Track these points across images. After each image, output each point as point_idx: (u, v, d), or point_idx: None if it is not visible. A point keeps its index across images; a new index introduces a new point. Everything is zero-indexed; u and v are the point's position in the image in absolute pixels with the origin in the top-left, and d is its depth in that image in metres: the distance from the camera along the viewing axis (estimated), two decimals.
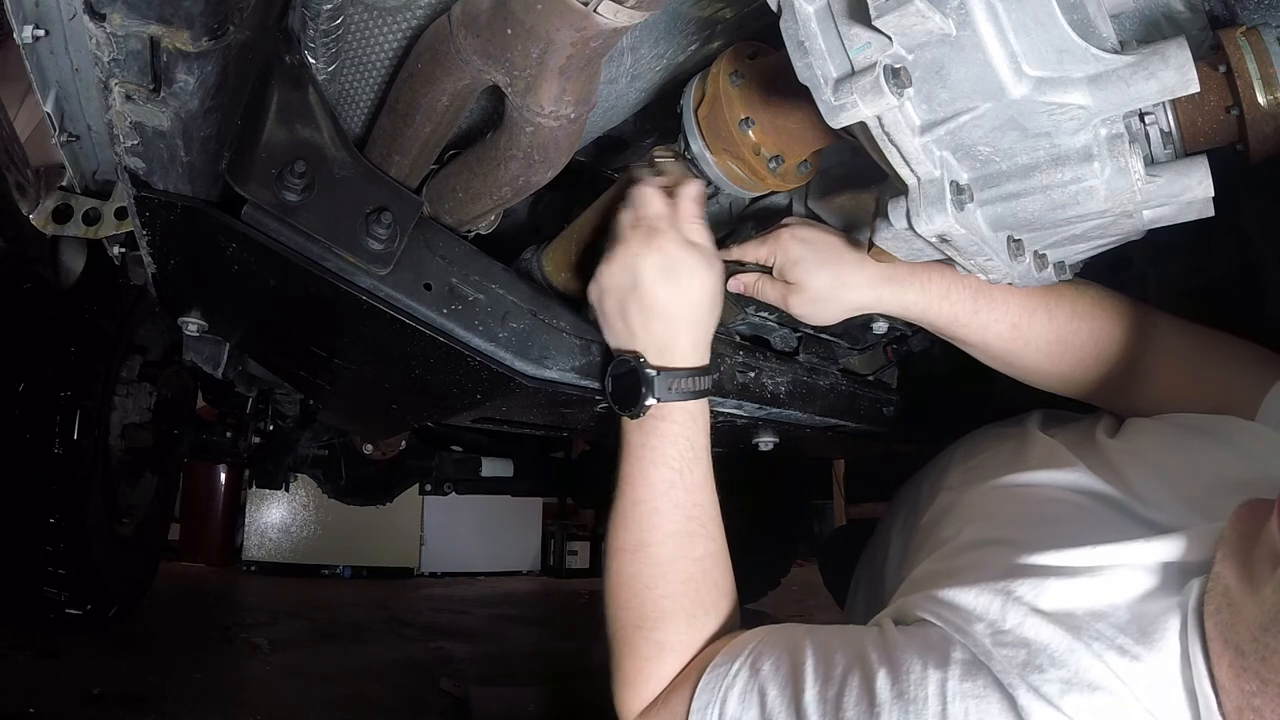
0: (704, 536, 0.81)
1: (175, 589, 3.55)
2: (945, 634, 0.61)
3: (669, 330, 0.82)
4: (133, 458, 2.33)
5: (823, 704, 0.62)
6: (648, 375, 0.81)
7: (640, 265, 0.80)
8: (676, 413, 0.81)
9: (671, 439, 0.81)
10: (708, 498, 0.83)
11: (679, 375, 0.81)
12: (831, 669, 0.64)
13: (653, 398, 0.80)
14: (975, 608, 0.61)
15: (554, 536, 5.39)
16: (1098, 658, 0.54)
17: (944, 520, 0.86)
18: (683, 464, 0.81)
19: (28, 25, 0.74)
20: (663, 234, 0.81)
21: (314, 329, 1.04)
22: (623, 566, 0.81)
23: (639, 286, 0.81)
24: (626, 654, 0.79)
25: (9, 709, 1.74)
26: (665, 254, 0.80)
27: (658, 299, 0.81)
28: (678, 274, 0.81)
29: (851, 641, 0.66)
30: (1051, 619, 0.57)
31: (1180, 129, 0.64)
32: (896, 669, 0.60)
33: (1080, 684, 0.53)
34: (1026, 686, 0.54)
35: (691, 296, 0.82)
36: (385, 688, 2.32)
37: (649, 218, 0.82)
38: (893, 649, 0.62)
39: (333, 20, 0.71)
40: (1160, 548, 0.61)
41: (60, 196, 1.06)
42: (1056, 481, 0.78)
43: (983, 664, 0.57)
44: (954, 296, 0.87)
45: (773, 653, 0.69)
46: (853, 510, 3.24)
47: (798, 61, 0.55)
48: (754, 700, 0.67)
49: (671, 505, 0.80)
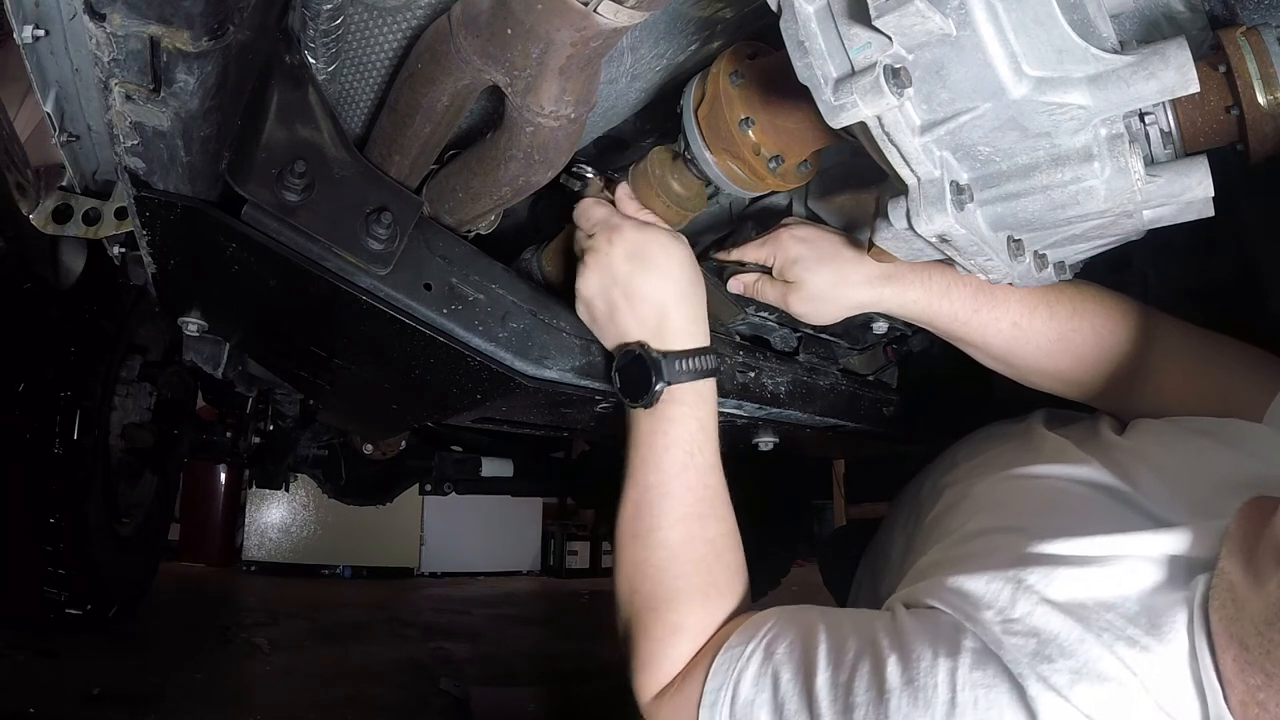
0: (715, 518, 0.81)
1: (175, 589, 3.55)
2: (955, 621, 0.61)
3: (659, 311, 0.82)
4: (133, 458, 2.33)
5: (834, 689, 0.62)
6: (654, 359, 0.80)
7: (610, 261, 0.82)
8: (687, 394, 0.81)
9: (682, 421, 0.81)
10: (717, 479, 0.82)
11: (683, 356, 0.81)
12: (843, 654, 0.64)
13: (662, 382, 0.80)
14: (985, 595, 0.61)
15: (554, 536, 5.39)
16: (1107, 649, 0.54)
17: (951, 513, 0.86)
18: (693, 446, 0.81)
19: (28, 25, 0.74)
20: (619, 227, 0.83)
21: (314, 329, 1.04)
22: (636, 552, 0.81)
23: (617, 280, 0.82)
24: (641, 637, 0.79)
25: (9, 709, 1.74)
26: (629, 241, 0.82)
27: (638, 284, 0.81)
28: (648, 255, 0.82)
29: (863, 627, 0.67)
30: (1061, 609, 0.57)
31: (1180, 129, 0.64)
32: (907, 656, 0.60)
33: (1089, 674, 0.53)
34: (1036, 677, 0.54)
35: (669, 272, 0.82)
36: (385, 688, 2.32)
37: (599, 220, 0.84)
38: (904, 635, 0.62)
39: (333, 20, 0.71)
40: (1168, 540, 0.61)
41: (60, 196, 1.05)
42: (1067, 474, 0.78)
43: (993, 653, 0.57)
44: (954, 295, 0.87)
45: (787, 635, 0.70)
46: (853, 510, 3.23)
47: (798, 61, 0.55)
48: (767, 683, 0.67)
49: (684, 488, 0.80)
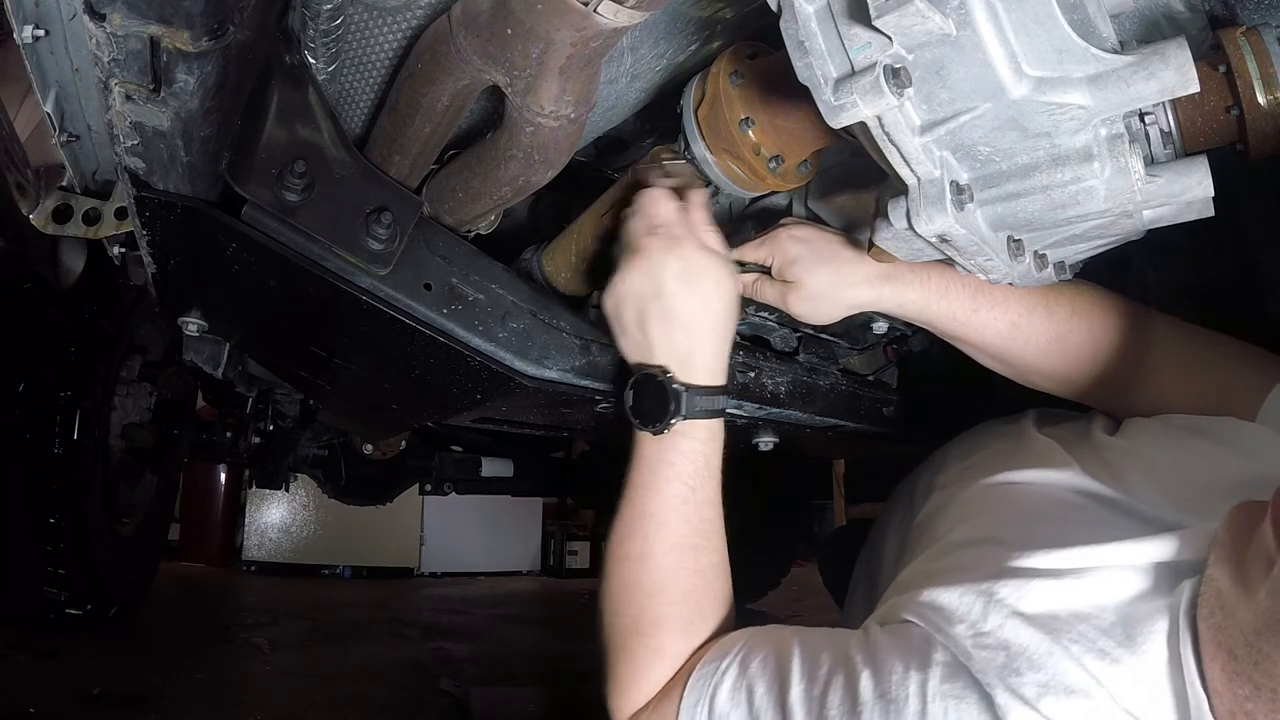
0: (708, 549, 0.80)
1: (175, 589, 3.55)
2: (927, 634, 0.61)
3: (691, 341, 0.80)
4: (133, 458, 2.33)
5: (808, 702, 0.63)
6: (676, 391, 0.78)
7: (663, 273, 0.78)
8: (699, 430, 0.80)
9: (690, 456, 0.80)
10: (715, 512, 0.82)
11: (705, 392, 0.79)
12: (817, 668, 0.65)
13: (679, 416, 0.78)
14: (957, 609, 0.61)
15: (554, 536, 5.38)
16: (1075, 661, 0.54)
17: (937, 519, 0.86)
18: (696, 480, 0.80)
19: (28, 25, 0.74)
20: (682, 240, 0.79)
21: (314, 329, 1.04)
22: (625, 574, 0.80)
23: (662, 295, 0.78)
24: (622, 659, 0.79)
25: (9, 709, 1.74)
26: (687, 261, 0.78)
27: (681, 307, 0.78)
28: (700, 281, 0.79)
29: (837, 643, 0.67)
30: (1032, 622, 0.57)
31: (1180, 129, 0.63)
32: (879, 670, 0.60)
33: (1057, 687, 0.53)
34: (1004, 687, 0.54)
35: (714, 305, 0.80)
36: (385, 688, 2.32)
37: (666, 224, 0.80)
38: (876, 650, 0.63)
39: (333, 20, 0.71)
40: (1151, 548, 0.60)
41: (60, 196, 1.06)
42: (1050, 480, 0.78)
43: (963, 665, 0.58)
44: (953, 294, 0.87)
45: (761, 651, 0.70)
46: (853, 510, 3.24)
47: (798, 61, 0.55)
48: (742, 697, 0.67)
49: (681, 520, 0.79)
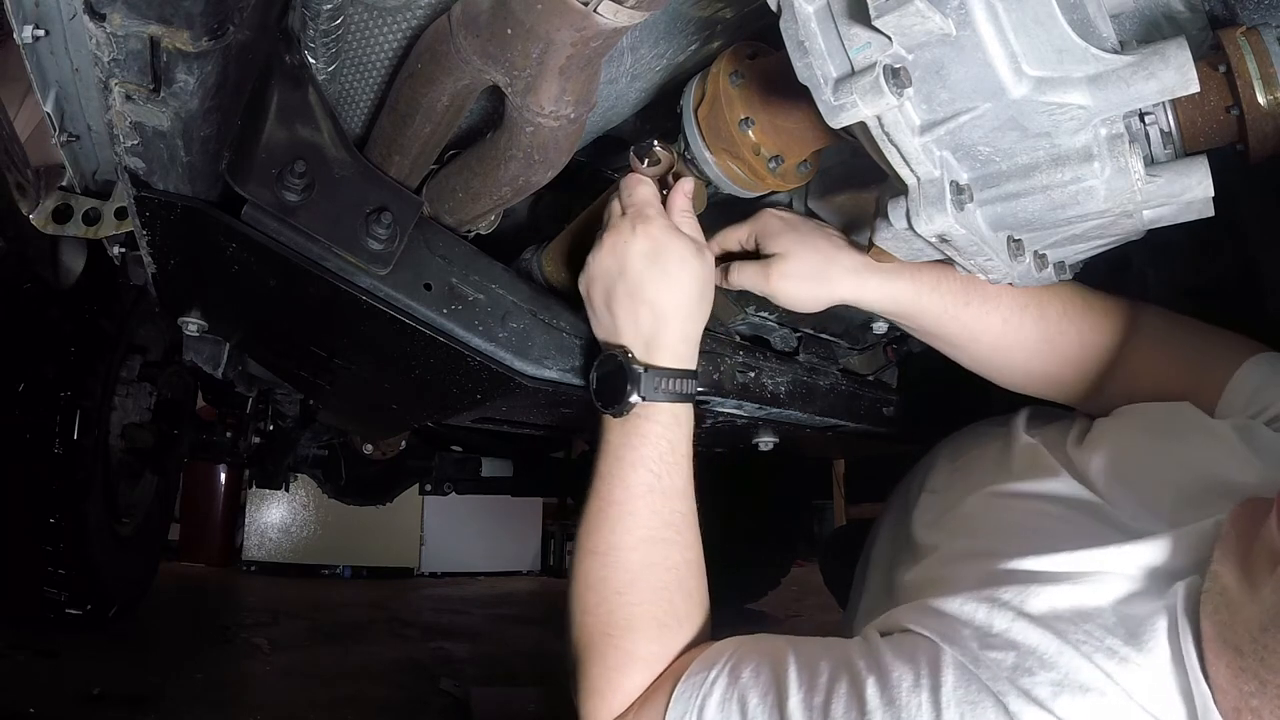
0: (680, 544, 0.78)
1: (175, 589, 3.55)
2: (933, 643, 0.60)
3: (656, 322, 0.79)
4: (133, 458, 2.33)
5: (809, 711, 0.61)
6: (634, 371, 0.77)
7: (628, 251, 0.78)
8: (661, 414, 0.78)
9: (653, 440, 0.78)
10: (686, 505, 0.79)
11: (666, 375, 0.78)
12: (816, 676, 0.63)
13: (637, 395, 0.77)
14: (961, 615, 0.61)
15: (554, 536, 5.38)
16: (1087, 659, 0.54)
17: (929, 528, 0.86)
18: (662, 468, 0.78)
19: (28, 25, 0.74)
20: (650, 220, 0.79)
21: (314, 329, 1.04)
22: (592, 570, 0.77)
23: (626, 273, 0.78)
24: (593, 661, 0.75)
25: (9, 709, 1.74)
26: (653, 240, 0.78)
27: (645, 286, 0.78)
28: (666, 261, 0.78)
29: (836, 651, 0.65)
30: (1039, 622, 0.57)
31: (1180, 129, 0.63)
32: (885, 677, 0.59)
33: (1072, 685, 0.53)
34: (1017, 691, 0.54)
35: (680, 285, 0.79)
36: (385, 688, 2.32)
37: (637, 203, 0.80)
38: (880, 657, 0.61)
39: (333, 20, 0.71)
40: (1140, 551, 0.61)
41: (60, 196, 1.06)
42: (1038, 491, 0.78)
43: (973, 672, 0.57)
44: (944, 289, 0.85)
45: (751, 660, 0.67)
46: (853, 510, 3.24)
47: (798, 61, 0.55)
48: (734, 708, 0.65)
49: (648, 510, 0.77)
